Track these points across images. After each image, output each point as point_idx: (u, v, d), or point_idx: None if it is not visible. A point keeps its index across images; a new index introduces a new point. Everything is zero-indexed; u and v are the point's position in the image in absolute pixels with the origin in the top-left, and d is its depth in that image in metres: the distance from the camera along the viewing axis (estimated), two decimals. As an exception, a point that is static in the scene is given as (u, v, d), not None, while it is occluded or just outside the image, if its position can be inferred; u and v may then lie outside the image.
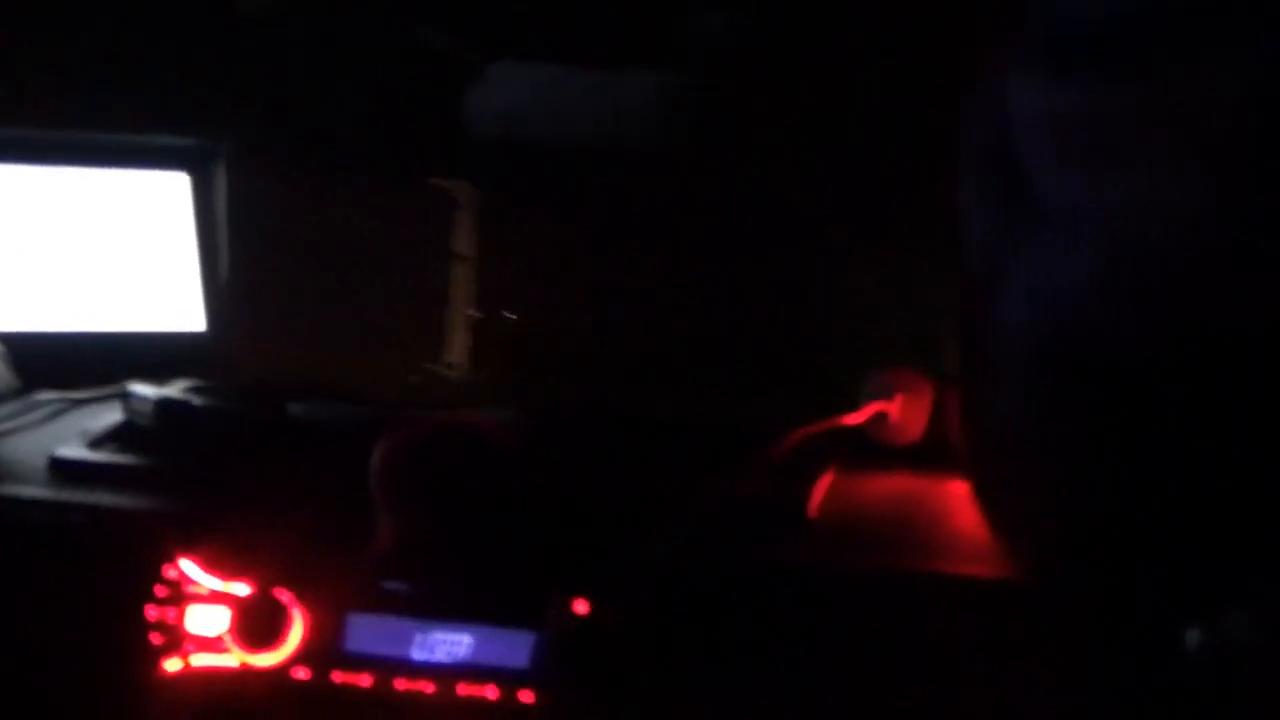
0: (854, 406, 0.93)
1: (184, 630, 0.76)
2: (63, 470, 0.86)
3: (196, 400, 0.92)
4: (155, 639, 0.75)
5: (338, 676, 0.75)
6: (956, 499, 0.85)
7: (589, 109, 1.11)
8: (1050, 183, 0.43)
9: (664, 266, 1.25)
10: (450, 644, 0.75)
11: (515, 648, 0.75)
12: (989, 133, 0.46)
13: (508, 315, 1.19)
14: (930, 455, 0.89)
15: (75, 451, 0.88)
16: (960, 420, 0.62)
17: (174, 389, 0.93)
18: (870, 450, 0.92)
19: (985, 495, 0.57)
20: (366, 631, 0.76)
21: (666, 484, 0.80)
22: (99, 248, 1.10)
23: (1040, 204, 0.43)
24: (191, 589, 0.76)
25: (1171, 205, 0.38)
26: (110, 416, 0.94)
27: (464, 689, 0.73)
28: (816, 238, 1.25)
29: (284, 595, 0.76)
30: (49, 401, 0.99)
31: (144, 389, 0.93)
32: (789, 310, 1.26)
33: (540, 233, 1.24)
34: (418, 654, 0.75)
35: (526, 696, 0.73)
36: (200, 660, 0.75)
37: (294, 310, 1.19)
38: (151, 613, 0.76)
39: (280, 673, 0.75)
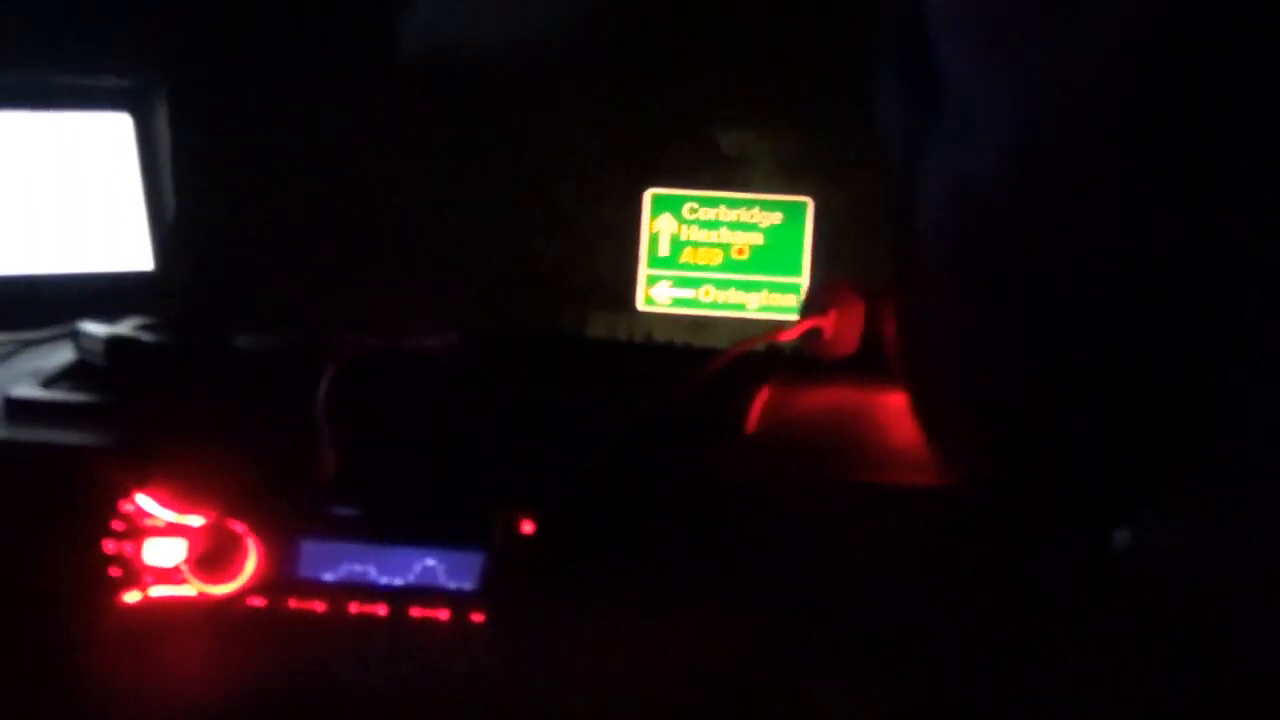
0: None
1: (142, 563, 0.73)
2: (17, 410, 0.81)
3: (146, 337, 0.88)
4: (114, 572, 0.73)
5: (293, 603, 0.73)
6: (892, 410, 0.83)
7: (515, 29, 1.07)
8: (956, 68, 0.40)
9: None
10: (401, 567, 0.74)
11: (465, 569, 0.74)
12: (904, 26, 0.43)
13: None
14: (865, 368, 0.85)
15: (29, 391, 0.84)
16: (895, 325, 0.57)
17: (124, 326, 0.90)
18: (806, 365, 0.88)
19: (916, 398, 0.52)
20: (319, 557, 0.74)
21: (605, 401, 0.77)
22: (46, 190, 1.06)
23: (947, 91, 0.40)
24: (148, 522, 0.74)
25: (1071, 86, 0.35)
26: (62, 356, 0.90)
27: (417, 611, 0.72)
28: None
29: (238, 525, 0.73)
30: (1, 343, 0.95)
31: (95, 327, 0.88)
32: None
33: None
34: (370, 578, 0.74)
35: (478, 616, 0.72)
36: (158, 591, 0.73)
37: (238, 245, 1.14)
38: (109, 547, 0.73)
39: (237, 601, 0.73)
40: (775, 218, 1.02)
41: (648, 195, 1.05)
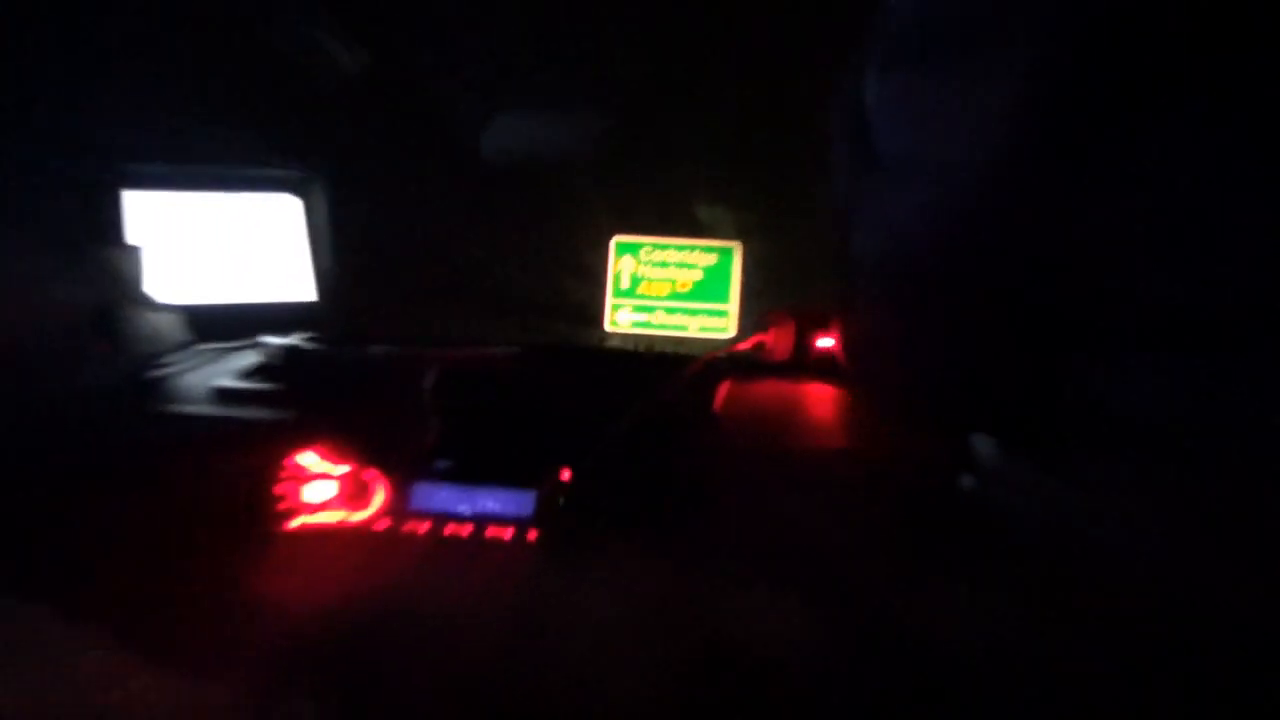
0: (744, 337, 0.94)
1: (304, 499, 0.80)
2: (220, 395, 0.92)
3: (310, 346, 1.00)
4: (284, 505, 0.80)
5: (406, 526, 0.79)
6: (814, 398, 0.90)
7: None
8: (888, 144, 0.43)
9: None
10: (480, 502, 0.80)
11: (523, 503, 0.80)
12: (852, 113, 0.47)
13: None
14: (794, 369, 0.94)
15: (229, 382, 0.94)
16: (842, 336, 0.65)
17: (295, 339, 1.02)
18: (755, 367, 0.97)
19: (857, 378, 0.58)
20: (425, 495, 0.81)
21: (619, 391, 0.85)
22: (242, 245, 1.16)
23: (883, 159, 0.43)
24: (310, 471, 0.81)
25: (964, 163, 0.39)
26: (249, 359, 1.01)
27: (490, 532, 0.78)
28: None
29: (370, 473, 0.81)
30: (208, 349, 1.05)
31: (275, 340, 1.00)
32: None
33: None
34: (458, 509, 0.81)
35: (532, 535, 0.78)
36: (315, 518, 0.80)
37: (372, 285, 1.23)
38: (283, 488, 0.80)
39: (368, 525, 0.79)
40: (711, 259, 1.07)
41: (613, 242, 1.11)
